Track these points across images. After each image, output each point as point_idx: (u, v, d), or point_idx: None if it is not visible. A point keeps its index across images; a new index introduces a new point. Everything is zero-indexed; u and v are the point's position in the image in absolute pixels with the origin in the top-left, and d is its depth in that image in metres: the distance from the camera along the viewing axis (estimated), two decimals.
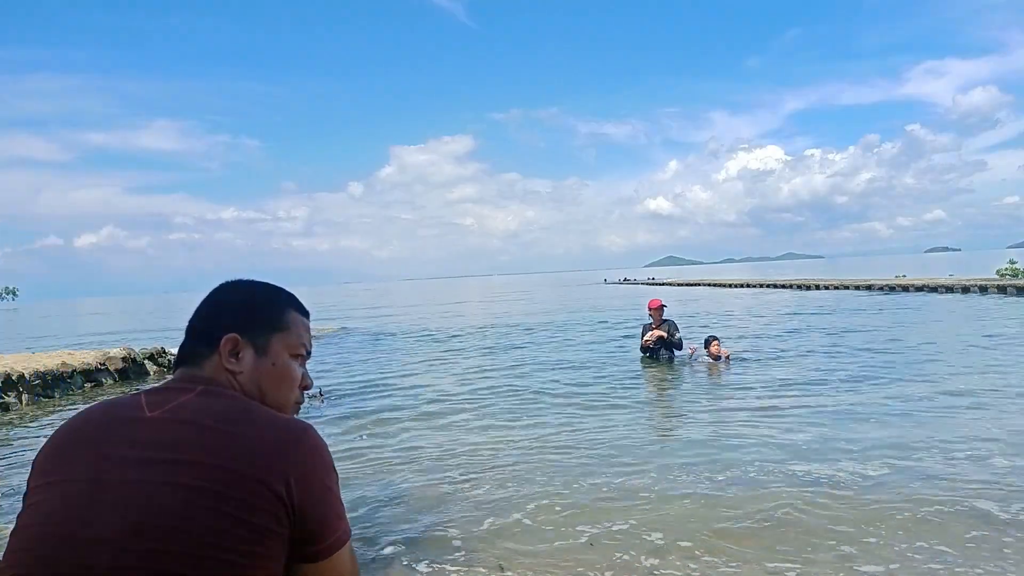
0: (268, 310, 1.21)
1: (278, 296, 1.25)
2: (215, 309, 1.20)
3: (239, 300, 1.21)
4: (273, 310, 1.22)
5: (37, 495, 1.01)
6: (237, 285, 1.24)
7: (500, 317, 23.35)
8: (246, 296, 1.22)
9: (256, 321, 1.18)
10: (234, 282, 1.25)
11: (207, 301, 1.22)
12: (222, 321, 1.17)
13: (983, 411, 5.92)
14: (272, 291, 1.26)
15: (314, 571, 1.05)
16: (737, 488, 4.25)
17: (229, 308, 1.20)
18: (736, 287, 37.00)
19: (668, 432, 5.99)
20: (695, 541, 3.49)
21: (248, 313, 1.19)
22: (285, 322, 1.21)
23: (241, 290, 1.23)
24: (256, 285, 1.25)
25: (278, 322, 1.20)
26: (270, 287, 1.26)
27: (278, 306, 1.23)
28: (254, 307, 1.20)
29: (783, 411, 6.35)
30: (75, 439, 1.04)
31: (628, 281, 62.78)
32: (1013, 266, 24.34)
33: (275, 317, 1.21)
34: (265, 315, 1.20)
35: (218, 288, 1.24)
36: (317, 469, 1.05)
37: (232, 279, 1.26)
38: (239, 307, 1.19)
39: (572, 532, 3.70)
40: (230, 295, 1.22)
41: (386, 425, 6.67)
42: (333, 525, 1.06)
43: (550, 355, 11.85)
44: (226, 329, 1.15)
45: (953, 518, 3.61)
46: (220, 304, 1.21)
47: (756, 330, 14.01)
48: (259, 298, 1.22)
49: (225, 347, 1.14)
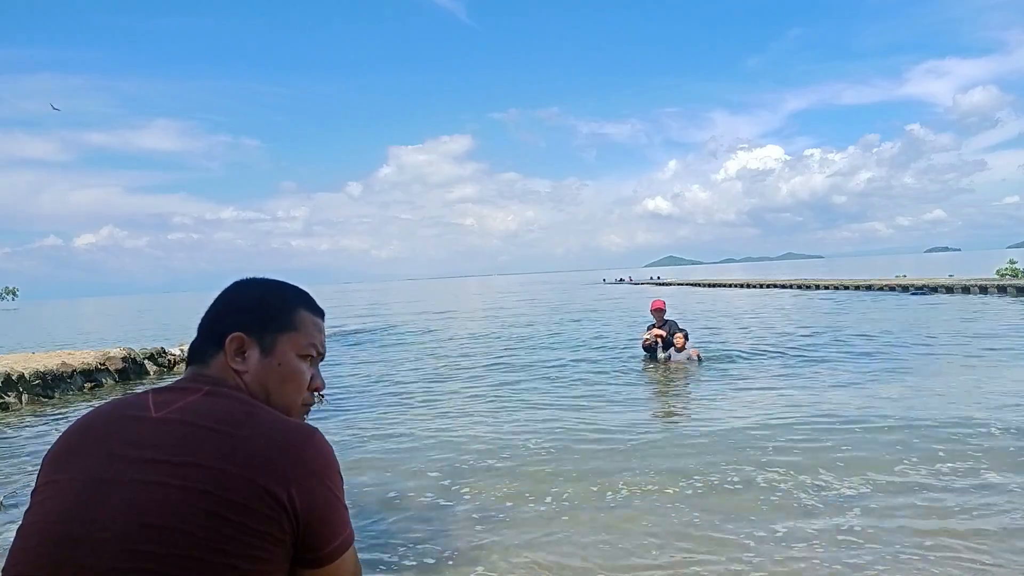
0: (276, 309, 1.18)
1: (287, 294, 1.22)
2: (225, 307, 1.19)
3: (248, 298, 1.19)
4: (281, 309, 1.19)
5: (42, 493, 1.01)
6: (249, 284, 1.23)
7: (500, 317, 23.33)
8: (255, 294, 1.20)
9: (263, 320, 1.16)
10: (247, 280, 1.24)
11: (219, 299, 1.20)
12: (230, 319, 1.16)
13: (982, 411, 5.93)
14: (283, 289, 1.23)
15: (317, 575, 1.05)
16: (728, 494, 4.26)
17: (238, 306, 1.18)
18: (736, 287, 37.01)
19: (666, 432, 5.99)
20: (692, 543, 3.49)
21: (255, 312, 1.17)
22: (293, 322, 1.19)
23: (252, 288, 1.22)
24: (267, 284, 1.23)
25: (286, 321, 1.18)
26: (282, 285, 1.24)
27: (287, 305, 1.20)
28: (262, 306, 1.18)
29: (781, 411, 6.35)
30: (83, 438, 1.04)
31: (624, 281, 62.00)
32: (1013, 266, 24.32)
33: (283, 316, 1.18)
34: (272, 314, 1.17)
35: (231, 286, 1.22)
36: (321, 474, 1.04)
37: (247, 277, 1.24)
38: (247, 305, 1.18)
39: (571, 532, 3.70)
40: (241, 293, 1.21)
41: (386, 425, 6.67)
42: (336, 530, 1.05)
43: (549, 354, 11.84)
44: (233, 328, 1.14)
45: (946, 521, 3.62)
46: (230, 302, 1.19)
47: (756, 330, 14.00)
48: (268, 297, 1.20)
49: (230, 346, 1.13)
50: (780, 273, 54.81)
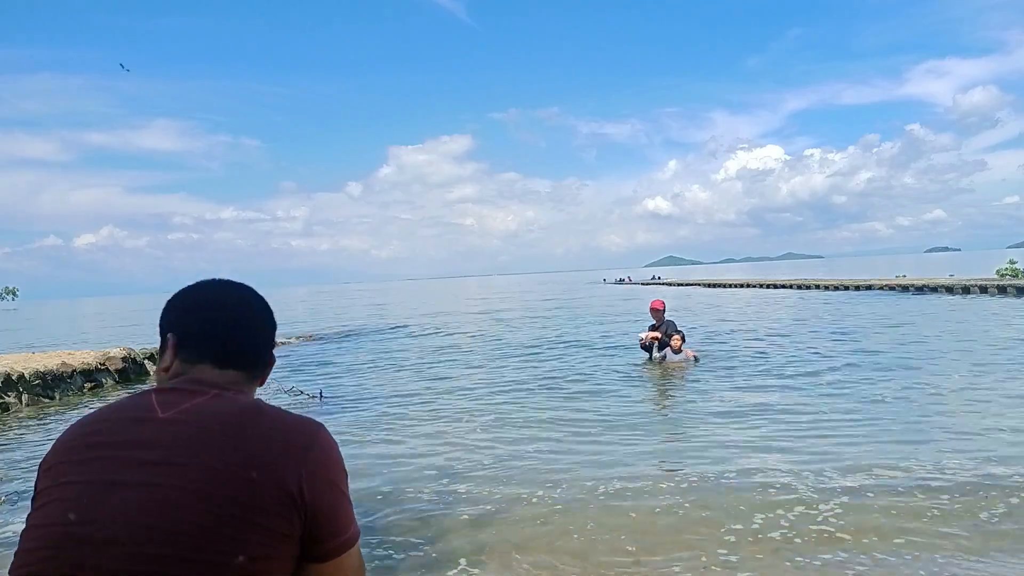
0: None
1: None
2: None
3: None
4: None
5: (50, 495, 1.00)
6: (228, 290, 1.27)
7: (500, 317, 23.33)
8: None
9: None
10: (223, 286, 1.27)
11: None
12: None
13: (982, 411, 5.93)
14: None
15: (323, 571, 1.06)
16: (727, 494, 4.26)
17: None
18: (736, 287, 37.01)
19: (662, 431, 5.99)
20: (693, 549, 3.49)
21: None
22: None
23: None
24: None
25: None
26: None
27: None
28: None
29: (778, 412, 6.35)
30: (88, 441, 1.04)
31: (625, 281, 61.92)
32: (1013, 266, 24.32)
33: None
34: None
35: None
36: (329, 469, 1.06)
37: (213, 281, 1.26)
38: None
39: (570, 532, 3.70)
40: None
41: (386, 426, 6.68)
42: (343, 525, 1.08)
43: (549, 354, 11.84)
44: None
45: (941, 523, 3.62)
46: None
47: (755, 330, 14.00)
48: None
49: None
50: (780, 273, 54.82)
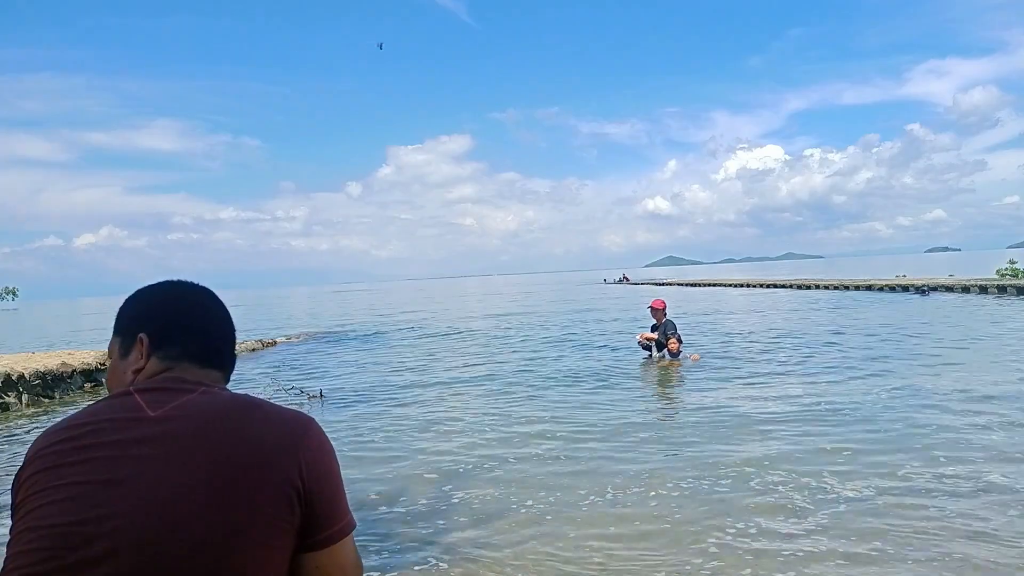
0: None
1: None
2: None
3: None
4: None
5: (45, 496, 0.99)
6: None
7: (499, 317, 23.34)
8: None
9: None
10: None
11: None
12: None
13: (982, 411, 5.93)
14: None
15: (319, 559, 1.06)
16: (725, 494, 4.26)
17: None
18: (736, 287, 37.01)
19: (660, 431, 5.99)
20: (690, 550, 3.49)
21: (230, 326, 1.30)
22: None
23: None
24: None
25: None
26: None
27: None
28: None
29: (777, 413, 6.35)
30: (78, 444, 1.02)
31: (625, 281, 61.99)
32: (1013, 266, 24.31)
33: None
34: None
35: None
36: (325, 457, 1.08)
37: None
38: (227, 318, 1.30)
39: (568, 532, 3.70)
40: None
41: (385, 425, 6.68)
42: (340, 512, 1.09)
43: (549, 354, 11.85)
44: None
45: (942, 524, 3.62)
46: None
47: (755, 330, 14.00)
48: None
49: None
50: (780, 273, 54.82)
